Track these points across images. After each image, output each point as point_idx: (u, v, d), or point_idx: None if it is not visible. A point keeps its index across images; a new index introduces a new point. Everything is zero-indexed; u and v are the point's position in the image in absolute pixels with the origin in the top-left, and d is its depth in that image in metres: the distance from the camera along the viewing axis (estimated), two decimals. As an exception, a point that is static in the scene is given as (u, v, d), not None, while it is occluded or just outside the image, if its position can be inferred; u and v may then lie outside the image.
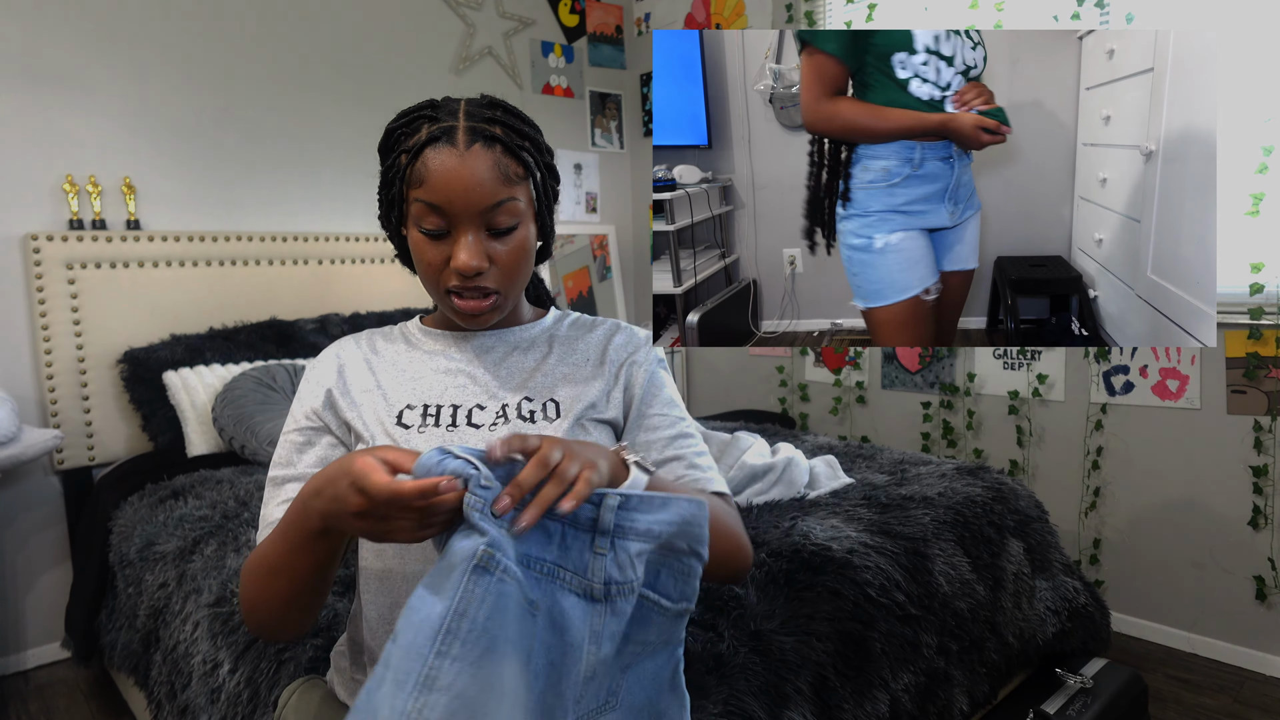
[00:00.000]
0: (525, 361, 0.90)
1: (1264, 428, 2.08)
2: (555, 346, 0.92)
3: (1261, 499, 2.10)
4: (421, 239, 0.81)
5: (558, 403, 0.86)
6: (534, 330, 0.93)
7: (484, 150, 0.79)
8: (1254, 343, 2.07)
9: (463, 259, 0.78)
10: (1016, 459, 2.60)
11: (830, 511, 1.56)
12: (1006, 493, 1.78)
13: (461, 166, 0.78)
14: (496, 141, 0.80)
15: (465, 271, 0.79)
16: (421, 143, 0.79)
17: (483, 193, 0.78)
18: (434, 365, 0.89)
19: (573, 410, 0.85)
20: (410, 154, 0.80)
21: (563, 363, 0.90)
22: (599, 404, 0.87)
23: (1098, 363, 2.38)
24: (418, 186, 0.79)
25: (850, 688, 1.25)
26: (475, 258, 0.79)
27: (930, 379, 2.81)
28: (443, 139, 0.79)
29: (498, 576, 0.55)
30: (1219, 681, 2.10)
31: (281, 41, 2.78)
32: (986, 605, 1.56)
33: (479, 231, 0.80)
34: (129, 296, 2.44)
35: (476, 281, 0.81)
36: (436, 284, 0.83)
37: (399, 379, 0.87)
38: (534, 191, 0.84)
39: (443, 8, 3.18)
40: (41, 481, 2.40)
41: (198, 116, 2.62)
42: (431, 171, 0.78)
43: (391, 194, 0.83)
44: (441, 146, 0.78)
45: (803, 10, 3.02)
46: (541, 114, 3.47)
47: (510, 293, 0.85)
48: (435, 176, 0.78)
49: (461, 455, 0.59)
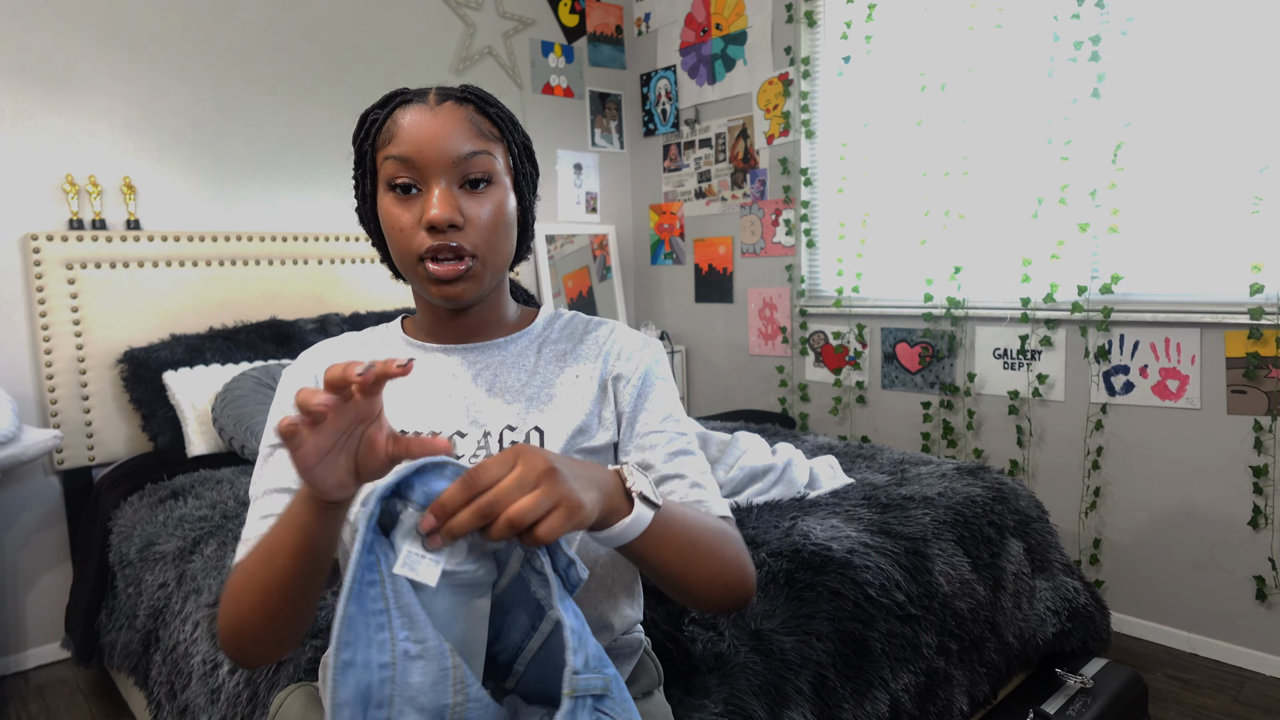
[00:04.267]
0: (510, 379, 0.84)
1: (1264, 428, 2.08)
2: (543, 357, 0.86)
3: (1261, 499, 2.10)
4: (392, 203, 0.77)
5: (542, 431, 0.80)
6: (521, 342, 0.88)
7: (456, 106, 0.77)
8: (1254, 343, 2.07)
9: (433, 211, 0.74)
10: (1016, 459, 2.60)
11: (830, 511, 1.56)
12: (1006, 493, 1.78)
13: (433, 118, 0.76)
14: (469, 102, 0.78)
15: (437, 224, 0.74)
16: (392, 107, 0.78)
17: (454, 141, 0.75)
18: (414, 381, 0.84)
19: (559, 440, 0.80)
20: (380, 120, 0.78)
21: (549, 383, 0.84)
22: (589, 427, 0.82)
23: (1098, 363, 2.38)
24: (387, 145, 0.77)
25: (850, 688, 1.25)
26: (447, 209, 0.74)
27: (930, 379, 2.81)
28: (414, 100, 0.78)
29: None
30: (1219, 681, 2.10)
31: (281, 41, 2.78)
32: (986, 605, 1.56)
33: (452, 184, 0.76)
34: (129, 296, 2.44)
35: (450, 237, 0.75)
36: (410, 251, 0.77)
37: None
38: (511, 160, 0.82)
39: (443, 8, 3.18)
40: (41, 481, 2.40)
41: (198, 116, 2.62)
42: (401, 126, 0.76)
43: (364, 169, 0.81)
44: (412, 105, 0.77)
45: (803, 10, 3.02)
46: (541, 114, 3.47)
47: (488, 261, 0.79)
48: (405, 130, 0.76)
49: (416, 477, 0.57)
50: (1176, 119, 2.18)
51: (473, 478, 0.53)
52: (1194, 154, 2.16)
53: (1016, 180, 2.50)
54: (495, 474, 0.54)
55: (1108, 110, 2.28)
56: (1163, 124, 2.20)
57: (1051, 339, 2.48)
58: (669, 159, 3.65)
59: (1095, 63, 2.28)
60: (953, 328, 2.72)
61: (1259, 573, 2.13)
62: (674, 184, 3.65)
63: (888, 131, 2.83)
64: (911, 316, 2.82)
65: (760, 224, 3.28)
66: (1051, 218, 2.42)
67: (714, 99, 3.41)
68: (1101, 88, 2.28)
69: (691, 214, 3.58)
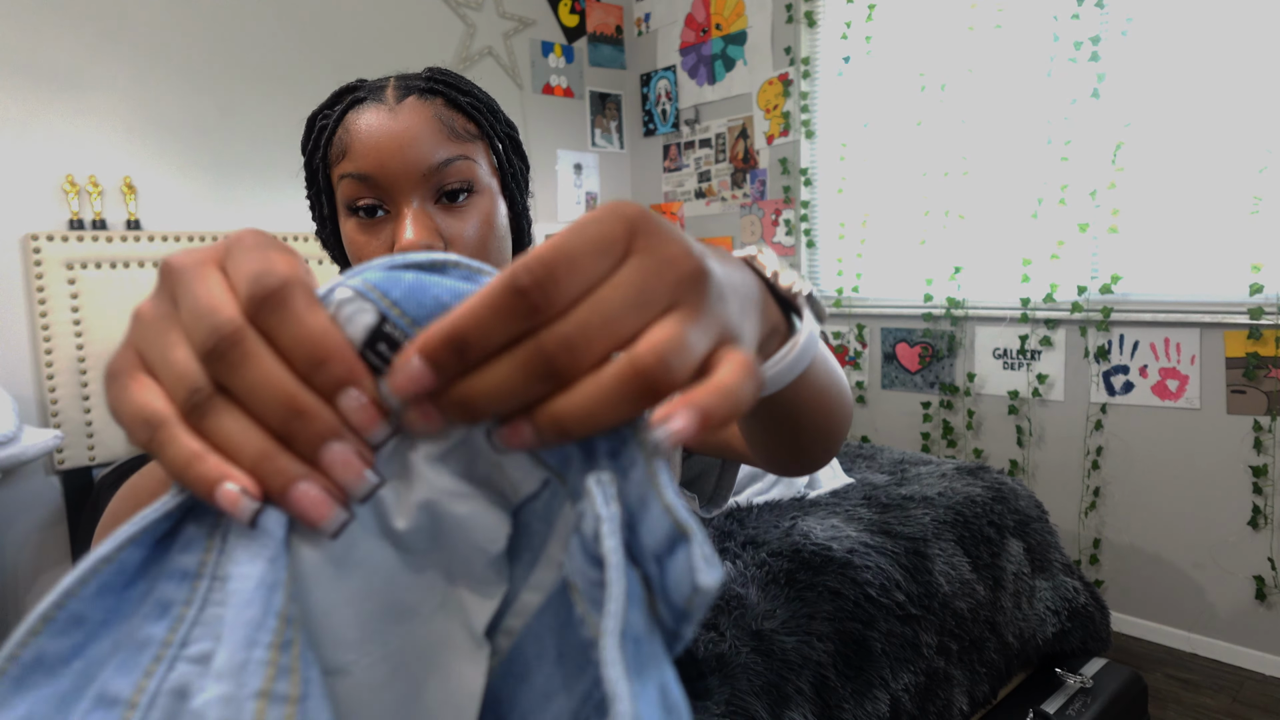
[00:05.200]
0: None
1: (1264, 428, 2.08)
2: None
3: (1261, 499, 2.10)
4: (355, 230, 0.62)
5: None
6: None
7: (420, 102, 0.61)
8: (1254, 343, 2.07)
9: (405, 237, 0.58)
10: (1016, 459, 2.60)
11: (830, 511, 1.56)
12: (1006, 493, 1.78)
13: (393, 120, 0.60)
14: (436, 95, 0.62)
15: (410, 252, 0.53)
16: (342, 110, 0.63)
17: (422, 148, 0.60)
18: None
19: None
20: (329, 127, 0.63)
21: None
22: None
23: (1097, 363, 2.38)
24: (341, 160, 0.61)
25: (851, 688, 1.25)
26: (422, 234, 0.58)
27: (930, 379, 2.81)
28: (367, 99, 0.62)
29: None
30: (1219, 681, 2.10)
31: (281, 41, 2.78)
32: (986, 605, 1.56)
33: (425, 201, 0.61)
34: (129, 296, 2.44)
35: None
36: None
37: None
38: (495, 159, 0.65)
39: (443, 8, 3.18)
40: (41, 481, 2.39)
41: (198, 116, 2.62)
42: (356, 136, 0.60)
43: (317, 187, 0.66)
44: (366, 107, 0.61)
45: (802, 10, 3.02)
46: (541, 114, 3.47)
47: None
48: (361, 140, 0.60)
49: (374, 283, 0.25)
50: (1176, 119, 2.18)
51: (540, 272, 0.23)
52: (1193, 154, 2.16)
53: (1016, 180, 2.51)
54: (589, 270, 0.24)
55: (1107, 110, 2.28)
56: (1162, 124, 2.20)
57: (1051, 339, 2.48)
58: (669, 159, 3.65)
59: (1095, 63, 2.28)
60: (952, 328, 2.72)
61: (1259, 573, 2.13)
62: (674, 184, 3.65)
63: (888, 131, 2.83)
64: (911, 316, 2.82)
65: (760, 224, 3.29)
66: (1051, 218, 2.42)
67: (714, 99, 3.41)
68: (1101, 88, 2.28)
69: (691, 214, 3.58)
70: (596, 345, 0.23)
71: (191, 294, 0.24)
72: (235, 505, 0.22)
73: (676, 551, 0.22)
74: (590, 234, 0.24)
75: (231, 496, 0.22)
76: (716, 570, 0.22)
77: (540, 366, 0.23)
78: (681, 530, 0.22)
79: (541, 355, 0.23)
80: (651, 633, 0.23)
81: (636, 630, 0.22)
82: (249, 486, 0.23)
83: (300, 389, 0.23)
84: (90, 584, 0.23)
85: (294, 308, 0.23)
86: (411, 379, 0.23)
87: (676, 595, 0.22)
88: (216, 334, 0.23)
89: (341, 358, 0.23)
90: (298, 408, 0.23)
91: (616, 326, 0.23)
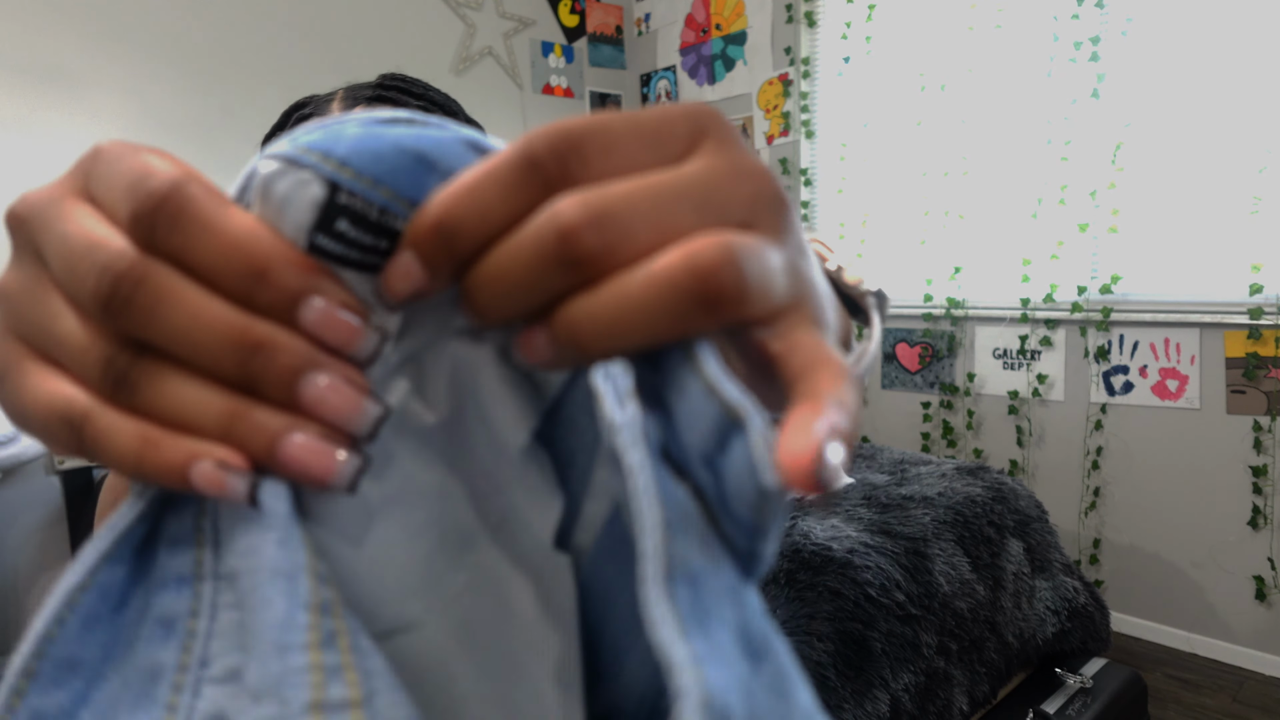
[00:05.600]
0: None
1: (1264, 428, 2.08)
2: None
3: (1261, 499, 2.10)
4: None
5: None
6: None
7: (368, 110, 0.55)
8: (1254, 343, 2.07)
9: None
10: (1016, 459, 2.60)
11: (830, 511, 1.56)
12: (1006, 493, 1.78)
13: None
14: (384, 102, 0.57)
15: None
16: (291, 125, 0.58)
17: None
18: None
19: None
20: None
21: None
22: None
23: (1097, 363, 2.38)
24: None
25: (850, 688, 1.25)
26: None
27: (930, 379, 2.81)
28: (313, 115, 0.58)
29: None
30: (1219, 681, 2.10)
31: (281, 41, 2.78)
32: (986, 605, 1.56)
33: None
34: (129, 296, 2.44)
35: None
36: None
37: None
38: None
39: (443, 8, 3.18)
40: (41, 481, 2.39)
41: (198, 116, 2.62)
42: None
43: None
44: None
45: (802, 10, 3.03)
46: (542, 114, 3.47)
47: None
48: None
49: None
50: (1176, 119, 2.18)
51: (561, 144, 0.17)
52: (1193, 154, 2.16)
53: (1016, 180, 2.50)
54: (630, 155, 0.18)
55: (1107, 110, 2.28)
56: (1162, 124, 2.20)
57: (1051, 339, 2.48)
58: (669, 159, 3.65)
59: (1095, 63, 2.28)
60: (952, 328, 2.72)
61: (1259, 573, 2.13)
62: (674, 184, 3.65)
63: (887, 131, 2.83)
64: (911, 316, 2.82)
65: (760, 224, 3.29)
66: (1051, 218, 2.42)
67: (714, 99, 3.41)
68: (1101, 88, 2.28)
69: (691, 214, 3.58)
70: (639, 233, 0.17)
71: (58, 239, 0.18)
72: (222, 485, 0.17)
73: (731, 446, 0.17)
74: (642, 119, 0.18)
75: (212, 477, 0.17)
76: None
77: (554, 246, 0.16)
78: (733, 415, 0.17)
79: (557, 229, 0.16)
80: (716, 563, 0.18)
81: (691, 566, 0.17)
82: (228, 458, 0.17)
83: (244, 316, 0.17)
84: (70, 621, 0.18)
85: (197, 211, 0.17)
86: (403, 279, 0.18)
87: (740, 507, 0.17)
88: (108, 276, 0.17)
89: (284, 259, 0.17)
90: (250, 341, 0.17)
91: (668, 216, 0.17)
